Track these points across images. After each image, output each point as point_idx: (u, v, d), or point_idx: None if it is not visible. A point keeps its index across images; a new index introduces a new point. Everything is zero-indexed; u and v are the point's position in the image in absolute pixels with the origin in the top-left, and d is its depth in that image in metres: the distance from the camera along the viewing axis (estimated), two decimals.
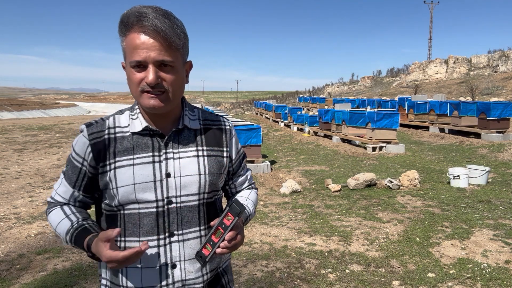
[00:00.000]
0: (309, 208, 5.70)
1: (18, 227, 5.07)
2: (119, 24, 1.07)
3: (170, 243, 1.12)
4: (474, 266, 3.67)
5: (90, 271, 3.68)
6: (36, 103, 45.62)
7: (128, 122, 1.15)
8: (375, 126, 11.01)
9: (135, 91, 1.08)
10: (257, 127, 9.08)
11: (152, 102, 1.06)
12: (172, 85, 1.07)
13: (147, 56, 1.03)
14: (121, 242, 1.13)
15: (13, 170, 9.13)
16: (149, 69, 1.04)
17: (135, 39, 1.04)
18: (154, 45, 1.03)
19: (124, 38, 1.08)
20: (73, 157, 1.17)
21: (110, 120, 1.17)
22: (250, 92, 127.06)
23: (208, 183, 1.17)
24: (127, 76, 1.10)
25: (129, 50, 1.06)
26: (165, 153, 1.13)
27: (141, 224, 1.11)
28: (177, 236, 1.13)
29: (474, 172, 6.76)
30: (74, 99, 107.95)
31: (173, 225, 1.12)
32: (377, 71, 49.43)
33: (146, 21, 1.02)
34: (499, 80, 24.76)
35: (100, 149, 1.12)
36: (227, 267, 1.31)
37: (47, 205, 1.24)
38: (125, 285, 1.14)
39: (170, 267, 1.12)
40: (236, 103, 51.90)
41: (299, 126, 16.64)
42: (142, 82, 1.05)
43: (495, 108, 11.59)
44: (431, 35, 42.97)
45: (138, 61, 1.04)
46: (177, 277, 1.13)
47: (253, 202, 1.35)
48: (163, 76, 1.06)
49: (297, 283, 3.42)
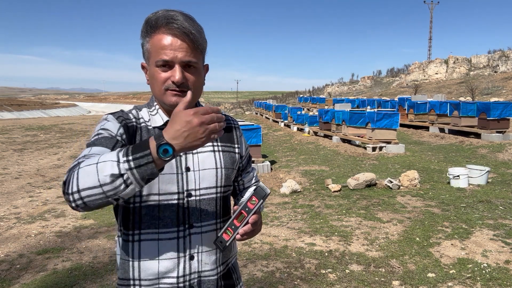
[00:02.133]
0: (309, 208, 5.70)
1: (18, 227, 5.07)
2: (144, 25, 1.11)
3: (189, 234, 1.15)
4: (474, 266, 3.67)
5: (90, 271, 3.69)
6: (36, 103, 45.62)
7: (148, 117, 1.19)
8: (375, 126, 11.01)
9: (159, 90, 1.11)
10: (257, 127, 9.08)
11: (175, 99, 1.10)
12: (194, 85, 1.12)
13: (175, 56, 1.07)
14: (134, 236, 1.13)
15: (13, 170, 9.13)
16: (175, 69, 1.07)
17: (163, 40, 1.07)
18: (182, 47, 1.07)
19: (149, 39, 1.11)
20: (101, 133, 1.06)
21: (133, 112, 1.20)
22: (250, 92, 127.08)
23: (224, 176, 1.21)
24: (151, 74, 1.12)
25: (155, 50, 1.09)
26: None
27: (161, 216, 1.13)
28: (196, 228, 1.16)
29: (474, 172, 6.76)
30: (74, 99, 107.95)
31: (193, 217, 1.15)
32: (377, 71, 49.46)
33: (176, 24, 1.06)
34: (499, 80, 24.75)
35: (130, 132, 1.13)
36: (235, 263, 1.35)
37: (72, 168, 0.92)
38: (137, 278, 1.13)
39: (188, 259, 1.15)
40: (236, 103, 51.91)
41: (299, 126, 16.64)
42: (168, 81, 1.09)
43: (495, 108, 11.59)
44: (431, 35, 42.97)
45: (165, 61, 1.07)
46: (194, 269, 1.16)
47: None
48: (187, 76, 1.10)
49: (297, 283, 3.42)
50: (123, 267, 1.15)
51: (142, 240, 1.13)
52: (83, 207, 0.89)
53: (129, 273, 1.14)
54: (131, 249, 1.13)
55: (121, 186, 0.86)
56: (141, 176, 0.86)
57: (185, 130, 0.86)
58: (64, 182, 0.91)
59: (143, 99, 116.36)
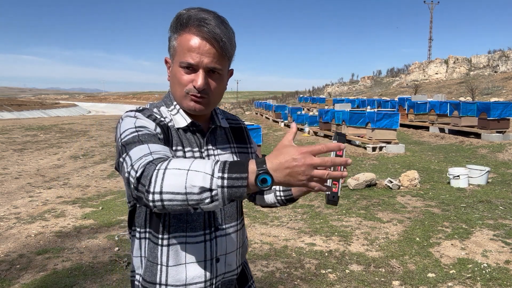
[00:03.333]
0: (309, 208, 5.70)
1: (18, 227, 5.07)
2: (175, 21, 1.07)
3: (216, 237, 1.14)
4: (474, 266, 3.67)
5: (90, 271, 3.69)
6: (36, 103, 45.63)
7: (170, 117, 1.14)
8: (375, 126, 11.01)
9: (180, 91, 1.09)
10: (257, 127, 9.08)
11: (193, 105, 1.08)
12: (216, 92, 1.10)
13: (200, 61, 1.04)
14: (163, 240, 1.10)
15: (13, 170, 9.13)
16: (199, 73, 1.05)
17: (191, 41, 1.04)
18: (210, 52, 1.04)
19: (178, 36, 1.07)
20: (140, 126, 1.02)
21: (155, 110, 1.14)
22: (250, 92, 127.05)
23: None
24: (173, 73, 1.10)
25: (181, 50, 1.06)
26: (207, 149, 1.16)
27: (189, 220, 1.11)
28: (221, 230, 1.15)
29: (474, 172, 6.76)
30: (74, 99, 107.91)
31: (218, 219, 1.15)
32: (377, 71, 49.47)
33: (207, 27, 1.03)
34: (499, 80, 24.75)
35: (165, 132, 1.08)
36: (246, 261, 1.36)
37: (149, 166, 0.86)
38: (164, 283, 1.10)
39: (215, 261, 1.14)
40: (236, 103, 51.92)
41: (299, 126, 16.65)
42: (189, 85, 1.06)
43: (495, 108, 11.59)
44: (431, 35, 42.95)
45: (190, 64, 1.04)
46: (220, 271, 1.15)
47: None
48: (210, 82, 1.07)
49: (297, 283, 3.42)
50: (151, 270, 1.11)
51: (171, 244, 1.10)
52: (161, 209, 0.85)
53: (156, 276, 1.11)
54: (159, 253, 1.09)
55: (206, 200, 0.82)
56: (229, 197, 0.82)
57: (288, 166, 0.81)
58: (139, 178, 0.84)
59: (143, 99, 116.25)
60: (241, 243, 1.23)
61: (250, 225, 4.98)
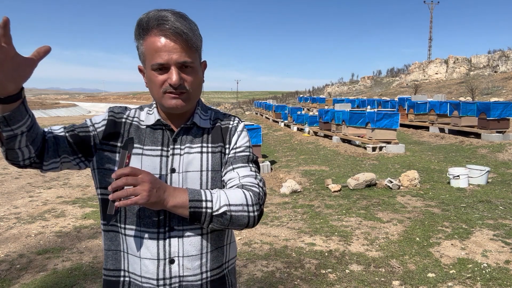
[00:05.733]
0: (309, 208, 5.70)
1: (18, 227, 5.07)
2: (136, 28, 1.10)
3: (169, 237, 1.12)
4: (474, 266, 3.67)
5: (90, 271, 3.69)
6: (36, 103, 45.61)
7: (145, 117, 1.20)
8: (375, 126, 11.01)
9: (157, 93, 1.11)
10: (257, 127, 9.08)
11: (174, 102, 1.10)
12: (192, 85, 1.11)
13: (169, 58, 1.06)
14: (122, 229, 1.15)
15: (13, 170, 9.13)
16: (171, 71, 1.07)
17: (156, 42, 1.06)
18: (176, 48, 1.06)
19: (143, 41, 1.09)
20: (86, 121, 1.19)
21: (132, 111, 1.23)
22: (250, 92, 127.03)
23: (210, 180, 1.16)
24: (148, 78, 1.12)
25: (150, 53, 1.08)
26: (173, 148, 1.16)
27: (141, 215, 1.12)
28: (177, 231, 1.13)
29: (474, 172, 6.76)
30: (74, 99, 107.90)
31: (174, 220, 1.12)
32: (377, 71, 49.47)
33: (168, 24, 1.05)
34: (499, 80, 24.75)
35: (114, 126, 1.16)
36: (233, 269, 1.28)
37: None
38: (127, 270, 1.16)
39: (168, 262, 1.12)
40: (236, 103, 51.91)
41: (299, 126, 16.64)
42: (165, 84, 1.08)
43: (495, 108, 11.59)
44: (431, 35, 42.93)
45: (161, 64, 1.06)
46: (175, 273, 1.13)
47: (228, 195, 1.08)
48: (184, 77, 1.09)
49: (297, 283, 3.42)
50: (115, 257, 1.17)
51: (127, 235, 1.14)
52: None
53: (120, 263, 1.16)
54: (121, 240, 1.15)
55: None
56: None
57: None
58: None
59: (143, 99, 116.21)
60: (210, 248, 1.16)
61: None
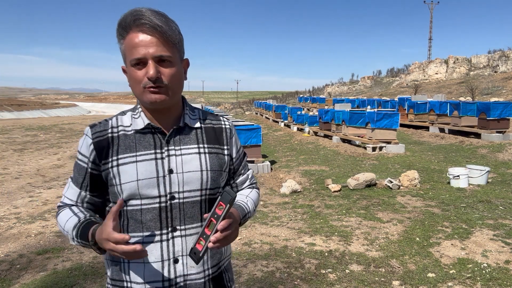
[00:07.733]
0: (309, 208, 5.70)
1: (18, 227, 5.07)
2: (117, 29, 1.11)
3: (173, 238, 1.14)
4: (474, 266, 3.67)
5: (90, 271, 3.69)
6: (36, 103, 45.60)
7: (130, 122, 1.19)
8: (375, 126, 11.01)
9: (138, 89, 1.11)
10: (257, 127, 9.08)
11: (154, 96, 1.10)
12: (172, 79, 1.11)
13: (146, 52, 1.07)
14: None
15: (13, 170, 9.13)
16: (149, 65, 1.07)
17: (134, 39, 1.08)
18: (152, 42, 1.07)
19: (123, 40, 1.11)
20: (79, 159, 1.20)
21: (113, 120, 1.20)
22: (250, 92, 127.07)
23: (210, 179, 1.19)
24: (129, 76, 1.13)
25: (128, 50, 1.09)
26: (167, 150, 1.16)
27: (143, 220, 1.13)
28: (179, 231, 1.15)
29: (474, 172, 6.76)
30: (74, 99, 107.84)
31: (176, 220, 1.14)
32: (377, 71, 49.47)
33: (143, 19, 1.06)
34: (499, 80, 24.75)
35: (103, 147, 1.15)
36: (228, 265, 1.32)
37: (57, 209, 1.24)
38: (128, 280, 1.16)
39: (173, 262, 1.14)
40: (236, 103, 51.92)
41: (299, 126, 16.64)
42: (144, 79, 1.09)
43: (495, 108, 11.59)
44: (431, 35, 42.95)
45: (138, 59, 1.07)
46: (179, 272, 1.15)
47: (253, 200, 1.34)
48: (162, 71, 1.09)
49: (297, 283, 3.42)
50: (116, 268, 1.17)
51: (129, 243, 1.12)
52: None
53: (121, 274, 1.17)
54: None
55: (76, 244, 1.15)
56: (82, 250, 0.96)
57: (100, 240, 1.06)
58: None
59: None
60: None
61: (250, 225, 4.98)
